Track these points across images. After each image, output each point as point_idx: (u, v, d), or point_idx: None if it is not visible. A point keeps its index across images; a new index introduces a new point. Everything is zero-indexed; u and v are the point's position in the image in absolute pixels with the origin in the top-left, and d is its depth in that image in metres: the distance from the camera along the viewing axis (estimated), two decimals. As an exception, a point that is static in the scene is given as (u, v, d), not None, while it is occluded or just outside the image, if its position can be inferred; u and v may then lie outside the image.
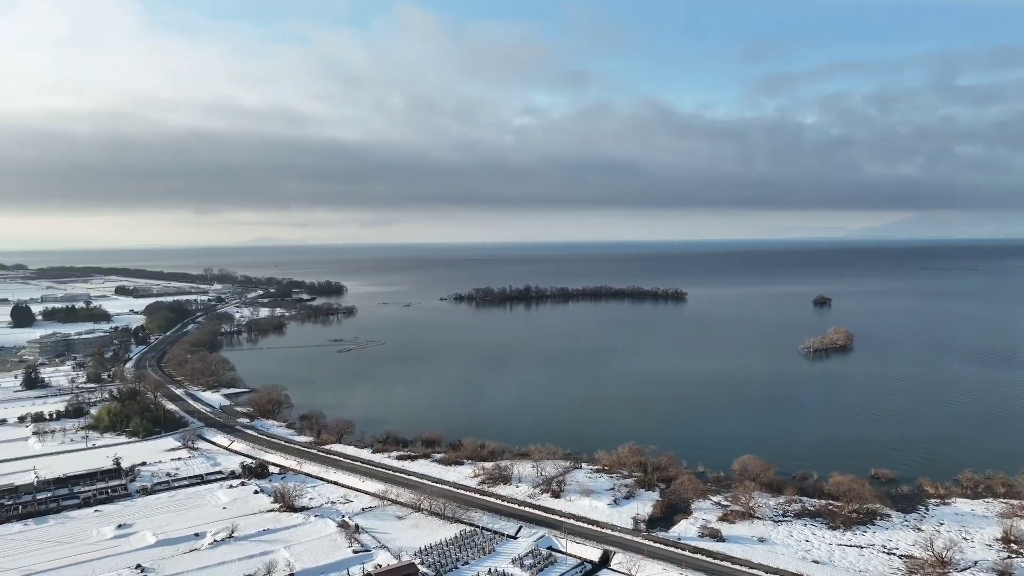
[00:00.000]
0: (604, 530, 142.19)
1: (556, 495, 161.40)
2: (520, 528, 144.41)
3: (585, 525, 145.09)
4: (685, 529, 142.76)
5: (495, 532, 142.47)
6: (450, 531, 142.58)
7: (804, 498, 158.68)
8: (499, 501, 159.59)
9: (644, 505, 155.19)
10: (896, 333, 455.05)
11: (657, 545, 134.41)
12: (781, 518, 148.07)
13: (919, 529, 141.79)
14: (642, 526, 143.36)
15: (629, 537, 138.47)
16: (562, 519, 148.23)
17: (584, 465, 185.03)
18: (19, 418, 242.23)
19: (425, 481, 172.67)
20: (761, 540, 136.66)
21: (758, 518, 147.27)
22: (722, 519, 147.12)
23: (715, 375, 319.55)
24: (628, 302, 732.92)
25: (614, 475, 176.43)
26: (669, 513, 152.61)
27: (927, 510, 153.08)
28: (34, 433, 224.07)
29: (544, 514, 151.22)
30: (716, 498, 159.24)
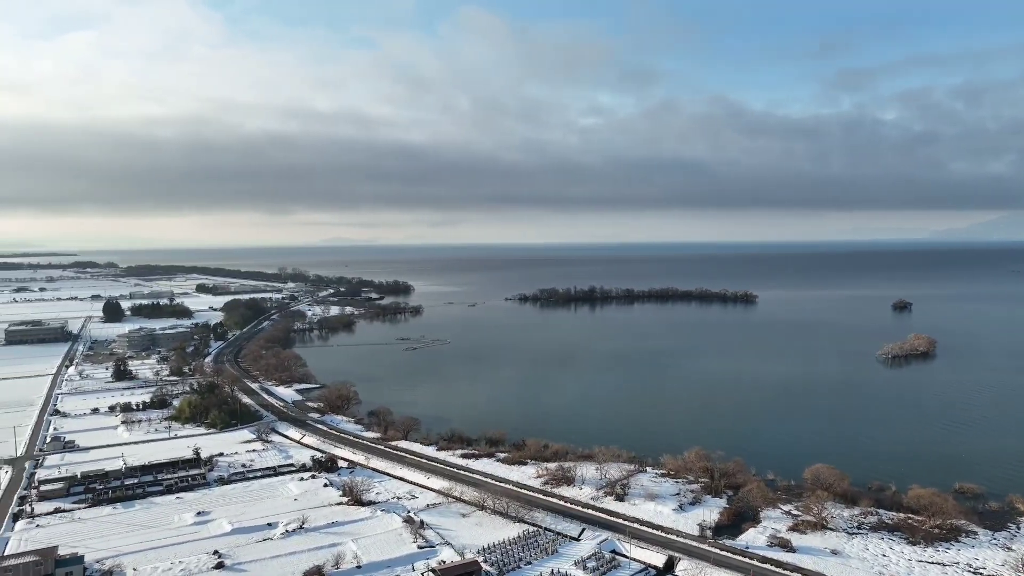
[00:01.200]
0: (669, 536, 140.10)
1: (620, 498, 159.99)
2: (583, 530, 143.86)
3: (649, 530, 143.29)
4: (753, 538, 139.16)
5: (558, 533, 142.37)
6: (513, 530, 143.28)
7: (881, 511, 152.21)
8: (562, 502, 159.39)
9: (710, 512, 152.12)
10: (983, 340, 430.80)
11: (724, 553, 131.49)
12: (856, 530, 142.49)
13: (1009, 548, 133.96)
14: (708, 533, 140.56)
15: (695, 544, 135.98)
16: (626, 523, 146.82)
17: (649, 469, 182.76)
18: (109, 407, 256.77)
19: (489, 480, 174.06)
20: (834, 552, 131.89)
21: (831, 529, 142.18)
22: (792, 529, 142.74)
23: (786, 380, 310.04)
24: (695, 304, 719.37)
25: (680, 480, 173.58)
26: (736, 521, 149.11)
27: (1018, 528, 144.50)
28: (123, 422, 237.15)
29: (607, 517, 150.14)
30: (786, 507, 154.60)
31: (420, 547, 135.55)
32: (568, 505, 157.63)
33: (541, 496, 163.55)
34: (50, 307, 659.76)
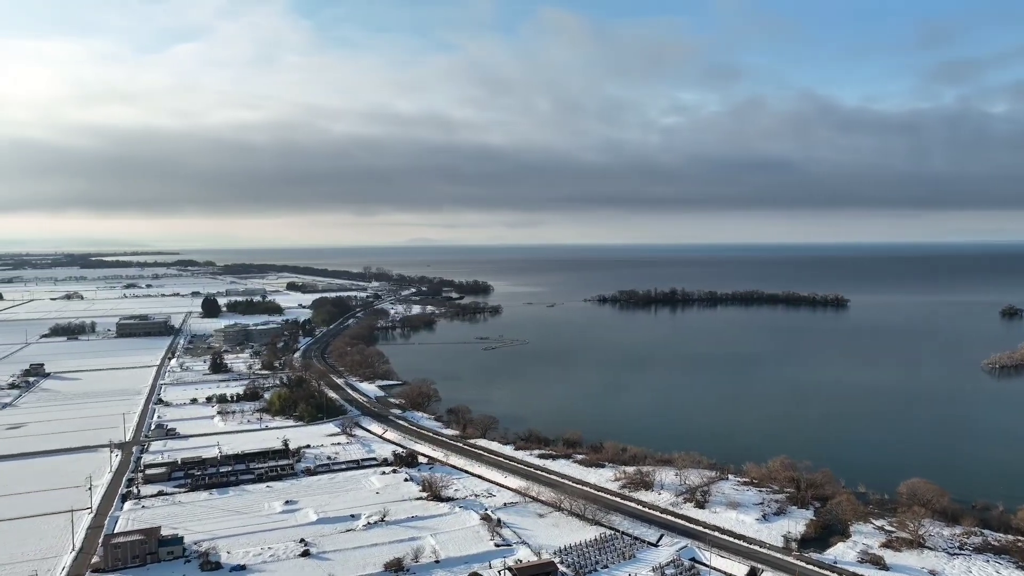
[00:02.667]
0: (752, 546, 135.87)
1: (700, 505, 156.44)
2: (662, 536, 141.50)
3: (731, 539, 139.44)
4: (842, 553, 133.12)
5: (636, 538, 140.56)
6: (590, 533, 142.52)
7: (986, 531, 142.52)
8: (640, 507, 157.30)
9: (796, 523, 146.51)
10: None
11: (810, 567, 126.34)
12: (957, 551, 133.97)
13: None
14: (794, 545, 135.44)
15: (779, 556, 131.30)
16: (706, 530, 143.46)
17: (731, 476, 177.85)
18: (207, 398, 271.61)
19: (566, 481, 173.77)
20: (932, 573, 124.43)
21: (929, 548, 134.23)
22: (885, 545, 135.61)
23: (880, 389, 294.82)
24: (782, 308, 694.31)
25: (763, 489, 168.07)
26: (824, 534, 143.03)
27: None
28: (218, 413, 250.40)
29: (687, 524, 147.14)
30: (879, 522, 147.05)
31: (497, 545, 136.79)
32: (646, 510, 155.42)
33: (619, 500, 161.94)
34: (155, 303, 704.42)
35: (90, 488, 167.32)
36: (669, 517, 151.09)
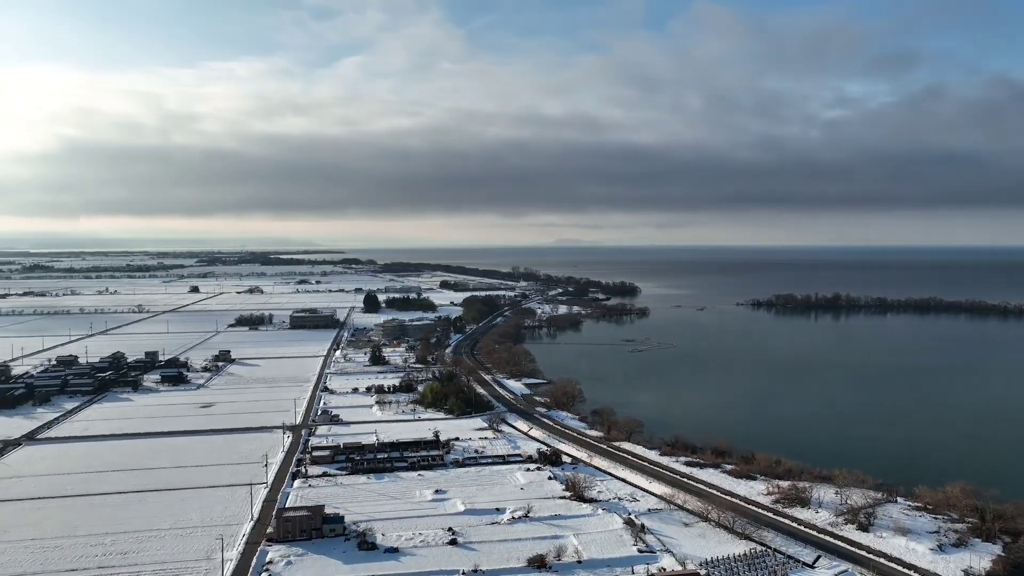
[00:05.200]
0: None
1: (864, 528, 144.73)
2: (819, 557, 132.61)
3: (899, 568, 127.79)
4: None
5: (789, 557, 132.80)
6: (738, 547, 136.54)
7: None
8: (794, 524, 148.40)
9: (979, 558, 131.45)
10: None
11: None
12: None
13: None
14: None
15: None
16: (869, 555, 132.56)
17: (899, 499, 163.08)
18: (366, 388, 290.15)
19: (713, 491, 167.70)
20: None
21: None
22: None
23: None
24: (964, 317, 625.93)
25: (939, 517, 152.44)
26: (1014, 573, 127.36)
27: None
28: (376, 402, 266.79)
29: (847, 547, 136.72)
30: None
31: (640, 551, 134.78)
32: (801, 528, 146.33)
33: (771, 515, 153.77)
34: (323, 298, 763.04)
35: (266, 465, 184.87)
36: (827, 538, 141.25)
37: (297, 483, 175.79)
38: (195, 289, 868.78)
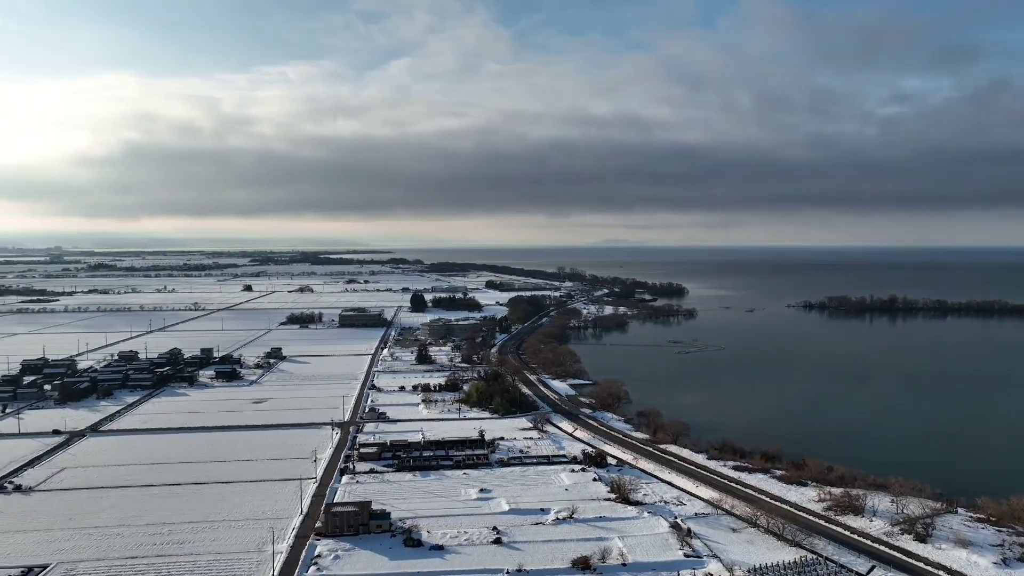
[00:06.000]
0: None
1: (921, 539, 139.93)
2: (873, 568, 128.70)
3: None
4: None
5: (841, 566, 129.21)
6: (788, 554, 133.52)
7: None
8: (847, 532, 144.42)
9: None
10: None
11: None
12: None
13: None
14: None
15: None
16: (928, 567, 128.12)
17: (960, 511, 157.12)
18: (413, 387, 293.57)
19: (762, 497, 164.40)
20: None
21: None
22: None
23: None
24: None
25: (1003, 529, 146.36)
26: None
27: None
28: (423, 401, 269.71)
29: (904, 558, 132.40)
30: None
31: (686, 555, 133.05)
32: (855, 537, 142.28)
33: (822, 522, 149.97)
34: (371, 297, 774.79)
35: (315, 461, 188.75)
36: (882, 548, 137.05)
37: (345, 479, 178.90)
38: (248, 288, 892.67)
